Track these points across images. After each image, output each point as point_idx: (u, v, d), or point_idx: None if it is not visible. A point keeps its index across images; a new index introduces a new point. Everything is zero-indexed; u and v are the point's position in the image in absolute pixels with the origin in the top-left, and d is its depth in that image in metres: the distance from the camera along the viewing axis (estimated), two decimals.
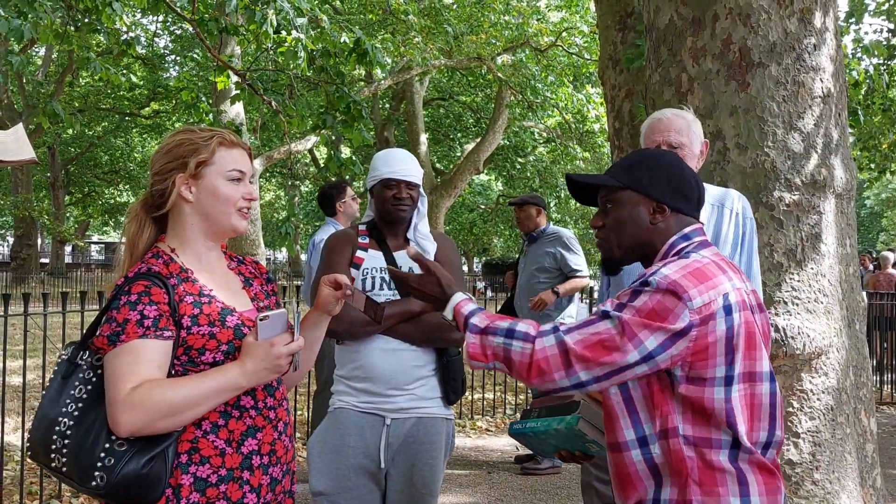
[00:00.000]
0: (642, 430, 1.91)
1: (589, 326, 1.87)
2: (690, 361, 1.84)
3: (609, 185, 2.05)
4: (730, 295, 1.87)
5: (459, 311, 2.03)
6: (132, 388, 1.83)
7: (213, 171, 2.03)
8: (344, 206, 5.90)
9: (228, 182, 2.04)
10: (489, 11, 16.36)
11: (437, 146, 27.75)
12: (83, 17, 6.95)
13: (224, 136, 2.08)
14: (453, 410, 3.13)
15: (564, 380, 1.85)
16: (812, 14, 3.71)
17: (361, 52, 7.02)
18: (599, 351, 1.84)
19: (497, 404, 8.67)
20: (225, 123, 9.35)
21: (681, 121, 2.98)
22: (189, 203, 2.04)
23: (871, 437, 3.88)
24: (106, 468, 1.80)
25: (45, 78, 28.53)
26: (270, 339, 1.92)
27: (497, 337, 1.91)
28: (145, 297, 1.89)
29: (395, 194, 3.03)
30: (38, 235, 35.53)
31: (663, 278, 1.85)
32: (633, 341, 1.82)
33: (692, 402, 1.86)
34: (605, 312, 1.87)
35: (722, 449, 1.86)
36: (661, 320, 1.82)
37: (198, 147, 2.03)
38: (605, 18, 5.99)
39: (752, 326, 1.90)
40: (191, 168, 2.01)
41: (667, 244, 2.01)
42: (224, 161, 2.05)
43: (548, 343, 1.86)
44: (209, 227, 2.06)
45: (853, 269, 3.91)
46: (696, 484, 1.85)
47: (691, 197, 2.04)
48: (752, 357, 1.89)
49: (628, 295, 1.88)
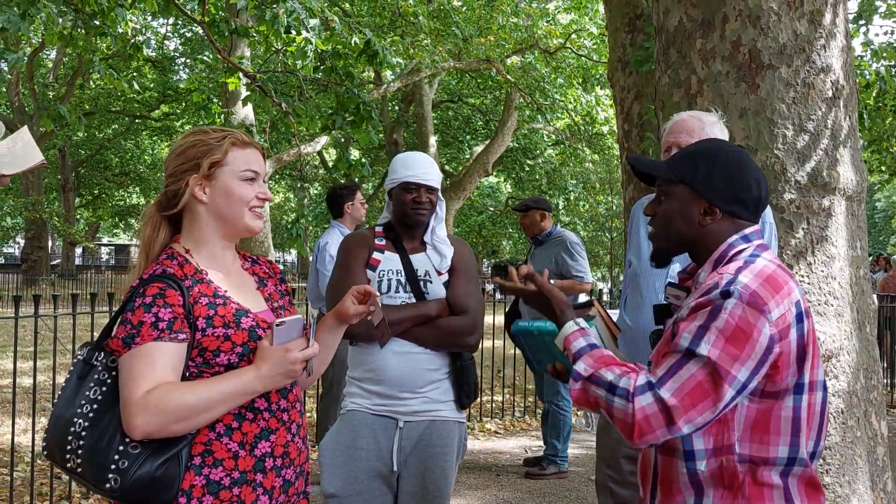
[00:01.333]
0: (691, 445, 1.85)
1: (680, 372, 1.77)
2: (768, 375, 1.79)
3: (664, 177, 1.98)
4: (800, 302, 1.82)
5: (568, 346, 1.98)
6: (147, 390, 1.83)
7: (227, 171, 2.04)
8: (352, 209, 5.90)
9: (242, 182, 2.05)
10: (498, 14, 16.36)
11: (446, 148, 27.75)
12: (90, 20, 6.98)
13: (236, 136, 2.08)
14: (465, 414, 3.13)
15: (668, 436, 1.78)
16: (822, 16, 3.70)
17: (372, 54, 7.03)
18: (697, 399, 1.75)
19: (506, 407, 8.65)
20: (235, 125, 9.37)
21: (695, 122, 2.96)
22: (203, 204, 2.04)
23: (882, 441, 3.87)
24: (119, 470, 1.81)
25: (56, 80, 28.67)
26: (286, 345, 1.92)
27: (600, 389, 1.84)
28: (160, 300, 1.90)
29: (415, 198, 3.01)
30: (49, 237, 35.67)
31: (744, 288, 1.76)
32: (727, 380, 1.74)
33: (758, 418, 1.82)
34: (690, 352, 1.77)
35: (776, 466, 1.82)
36: (745, 340, 1.74)
37: (210, 148, 2.03)
38: (615, 20, 5.98)
39: (815, 333, 1.87)
40: (204, 169, 2.02)
41: (725, 244, 1.91)
42: (237, 161, 2.05)
43: (646, 402, 1.76)
44: (223, 228, 2.06)
45: (863, 272, 3.89)
46: (744, 499, 1.81)
47: (748, 201, 1.93)
48: (815, 365, 1.85)
49: (707, 314, 1.78)
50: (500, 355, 11.05)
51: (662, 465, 1.94)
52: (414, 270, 3.01)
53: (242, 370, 1.92)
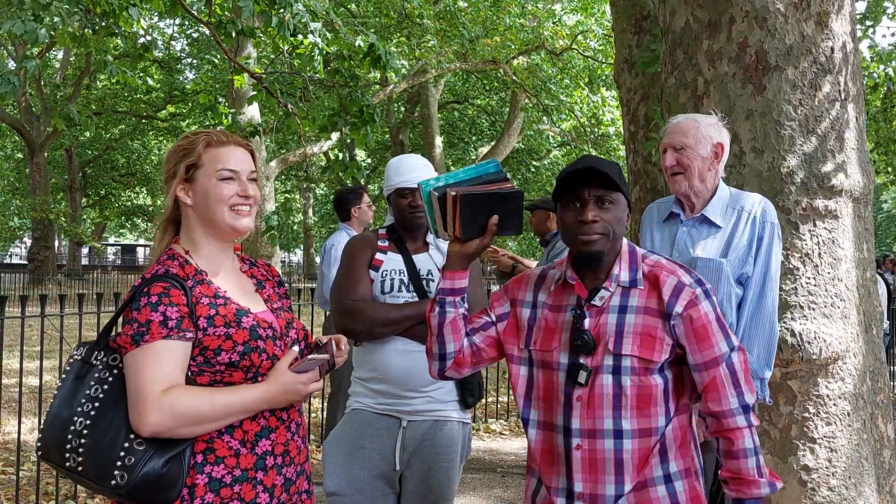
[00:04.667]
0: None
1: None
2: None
3: (618, 185, 2.06)
4: None
5: None
6: (162, 390, 1.85)
7: (203, 172, 2.05)
8: (359, 213, 5.93)
9: (219, 182, 2.04)
10: (504, 14, 16.37)
11: (451, 149, 27.77)
12: (100, 20, 6.99)
13: (212, 136, 2.08)
14: (469, 414, 3.13)
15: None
16: (828, 17, 3.69)
17: (375, 57, 7.03)
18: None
19: (511, 407, 8.65)
20: (243, 125, 9.39)
21: (690, 123, 3.00)
22: (189, 207, 2.06)
23: (889, 443, 3.85)
24: (126, 467, 1.81)
25: (63, 81, 28.75)
26: (303, 377, 2.00)
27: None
28: (165, 299, 1.91)
29: (410, 202, 3.05)
30: (56, 237, 35.77)
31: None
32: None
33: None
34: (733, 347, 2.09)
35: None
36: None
37: (186, 151, 2.05)
38: (621, 22, 5.97)
39: None
40: (181, 173, 2.04)
41: (625, 244, 2.14)
42: (213, 161, 2.04)
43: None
44: (210, 229, 2.07)
45: (870, 274, 3.88)
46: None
47: None
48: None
49: (720, 314, 2.10)
50: None
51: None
52: (417, 270, 3.03)
53: (253, 386, 1.96)
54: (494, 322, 2.22)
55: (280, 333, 2.08)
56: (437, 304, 2.18)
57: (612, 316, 2.06)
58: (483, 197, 2.06)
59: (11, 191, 36.41)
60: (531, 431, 2.13)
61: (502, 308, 2.24)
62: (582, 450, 2.02)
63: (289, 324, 2.14)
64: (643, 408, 2.02)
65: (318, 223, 39.11)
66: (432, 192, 2.11)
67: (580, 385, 2.02)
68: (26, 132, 28.17)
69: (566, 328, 2.08)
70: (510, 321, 2.21)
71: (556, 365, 2.07)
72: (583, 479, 2.02)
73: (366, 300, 2.95)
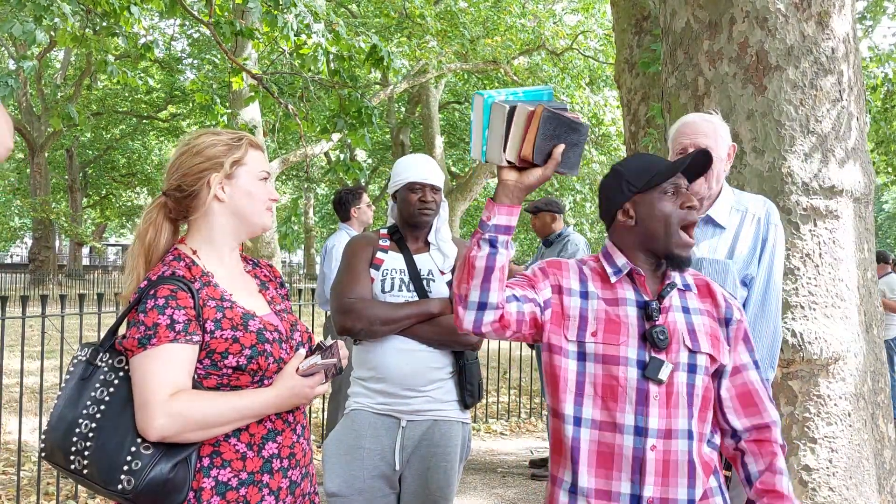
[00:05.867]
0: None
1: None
2: None
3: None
4: None
5: None
6: (171, 394, 1.84)
7: (246, 170, 2.08)
8: (359, 213, 5.94)
9: (259, 182, 2.10)
10: (505, 15, 16.37)
11: (452, 149, 27.75)
12: (101, 20, 7.00)
13: (251, 138, 2.14)
14: (469, 414, 3.13)
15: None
16: (829, 17, 3.69)
17: (378, 58, 7.04)
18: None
19: (512, 408, 8.65)
20: (239, 126, 9.39)
21: (707, 124, 2.97)
22: (221, 203, 2.06)
23: (890, 444, 3.85)
24: (133, 471, 1.80)
25: (64, 81, 28.75)
26: (310, 381, 2.00)
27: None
28: (172, 301, 1.90)
29: (421, 197, 3.05)
30: (56, 238, 35.78)
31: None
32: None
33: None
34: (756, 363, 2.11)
35: None
36: None
37: (230, 147, 2.07)
38: (621, 22, 5.97)
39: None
40: (226, 168, 2.05)
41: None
42: (255, 161, 2.10)
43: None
44: (239, 226, 2.09)
45: (871, 274, 3.87)
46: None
47: None
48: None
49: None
50: (505, 356, 11.04)
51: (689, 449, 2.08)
52: (417, 269, 3.03)
53: (262, 390, 1.96)
54: (541, 305, 2.05)
55: (286, 336, 2.08)
56: (486, 244, 1.90)
57: (678, 315, 2.02)
58: (565, 120, 1.81)
59: (12, 191, 36.43)
60: (580, 431, 1.97)
61: (544, 293, 2.07)
62: (657, 451, 1.92)
63: (293, 326, 2.14)
64: (704, 411, 1.99)
65: (318, 223, 39.10)
66: (497, 103, 1.82)
67: (660, 382, 1.94)
68: (27, 132, 28.18)
69: (633, 322, 1.99)
70: (555, 309, 2.05)
71: (624, 360, 1.96)
72: (655, 483, 1.91)
73: (365, 299, 2.95)
